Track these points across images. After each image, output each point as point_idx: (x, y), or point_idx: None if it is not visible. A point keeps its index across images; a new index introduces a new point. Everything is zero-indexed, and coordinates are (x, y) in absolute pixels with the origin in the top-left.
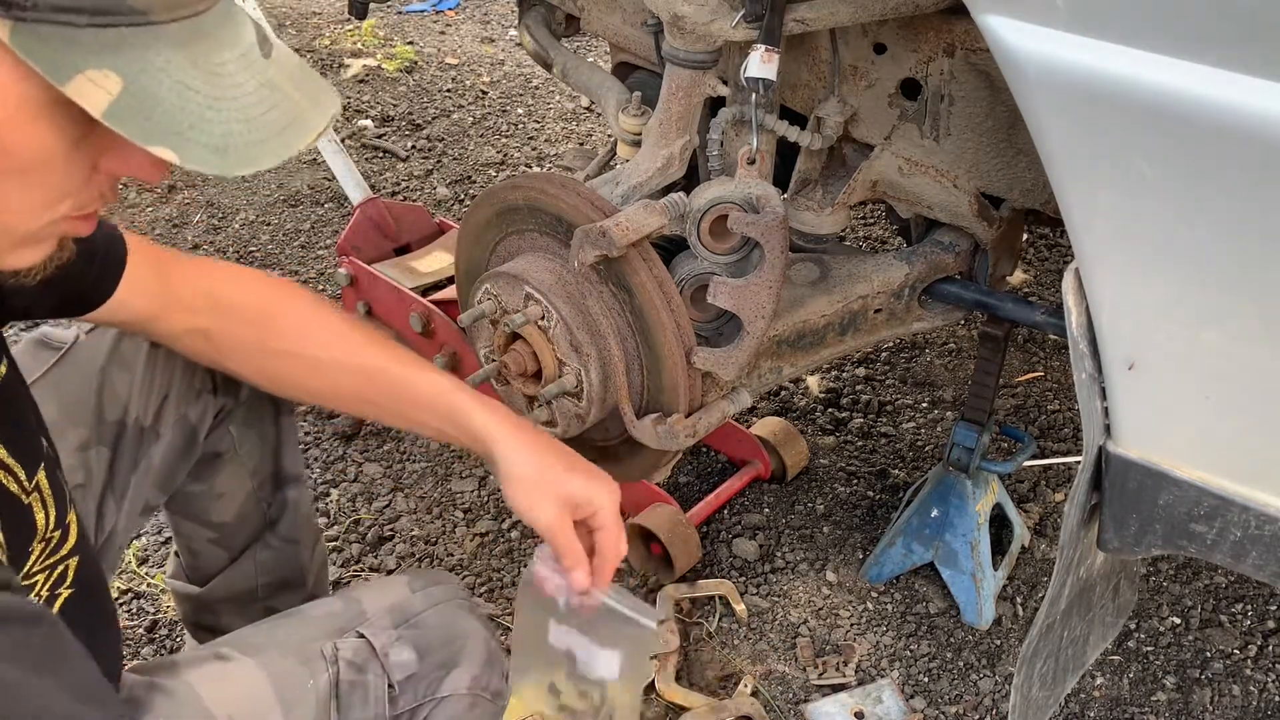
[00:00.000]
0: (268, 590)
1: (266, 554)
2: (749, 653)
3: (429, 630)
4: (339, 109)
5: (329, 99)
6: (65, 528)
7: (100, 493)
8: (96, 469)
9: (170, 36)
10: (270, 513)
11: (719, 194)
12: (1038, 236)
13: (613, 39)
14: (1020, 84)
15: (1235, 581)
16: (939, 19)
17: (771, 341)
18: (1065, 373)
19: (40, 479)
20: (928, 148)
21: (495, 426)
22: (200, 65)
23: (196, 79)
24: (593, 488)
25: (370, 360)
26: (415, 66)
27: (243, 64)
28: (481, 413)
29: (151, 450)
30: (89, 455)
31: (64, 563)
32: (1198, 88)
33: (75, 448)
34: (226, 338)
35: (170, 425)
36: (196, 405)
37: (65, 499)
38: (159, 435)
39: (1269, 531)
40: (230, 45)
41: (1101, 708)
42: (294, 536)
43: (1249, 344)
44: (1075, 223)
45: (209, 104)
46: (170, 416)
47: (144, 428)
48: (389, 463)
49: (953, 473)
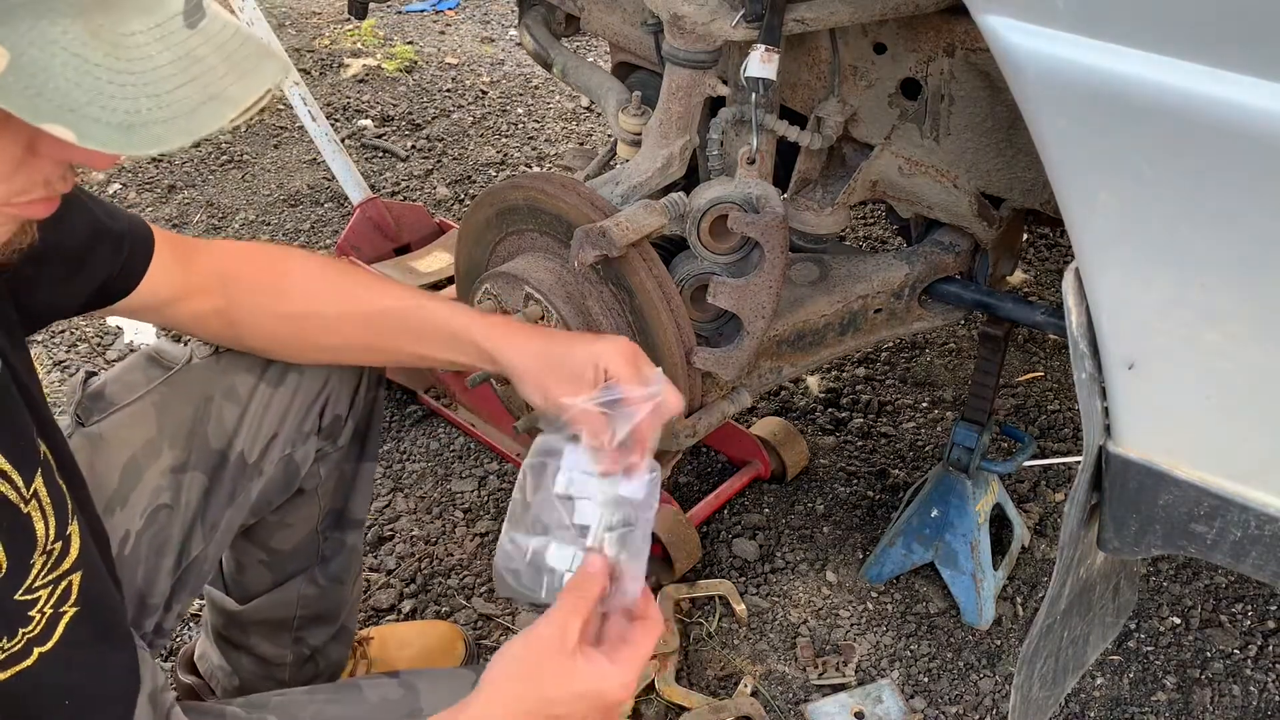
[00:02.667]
0: (303, 622)
1: (312, 590)
2: (749, 653)
3: None
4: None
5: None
6: (66, 539)
7: (191, 519)
8: (190, 494)
9: (67, 6)
10: (325, 549)
11: (719, 194)
12: (1038, 236)
13: (613, 39)
14: (1020, 84)
15: (1235, 581)
16: (939, 19)
17: (771, 341)
18: (1065, 373)
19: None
20: (928, 148)
21: (498, 336)
22: (103, 36)
23: (97, 51)
24: (598, 350)
25: (372, 305)
26: (415, 66)
27: (156, 34)
28: (482, 327)
29: (252, 485)
30: (183, 478)
31: (66, 578)
32: (1198, 88)
33: (169, 468)
34: (240, 311)
35: (274, 463)
36: (303, 448)
37: (66, 507)
38: (262, 472)
39: (1269, 531)
40: (144, 13)
41: (1101, 708)
42: (342, 578)
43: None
44: (1075, 223)
45: (111, 78)
46: (275, 455)
47: (248, 463)
48: (389, 463)
49: (953, 473)
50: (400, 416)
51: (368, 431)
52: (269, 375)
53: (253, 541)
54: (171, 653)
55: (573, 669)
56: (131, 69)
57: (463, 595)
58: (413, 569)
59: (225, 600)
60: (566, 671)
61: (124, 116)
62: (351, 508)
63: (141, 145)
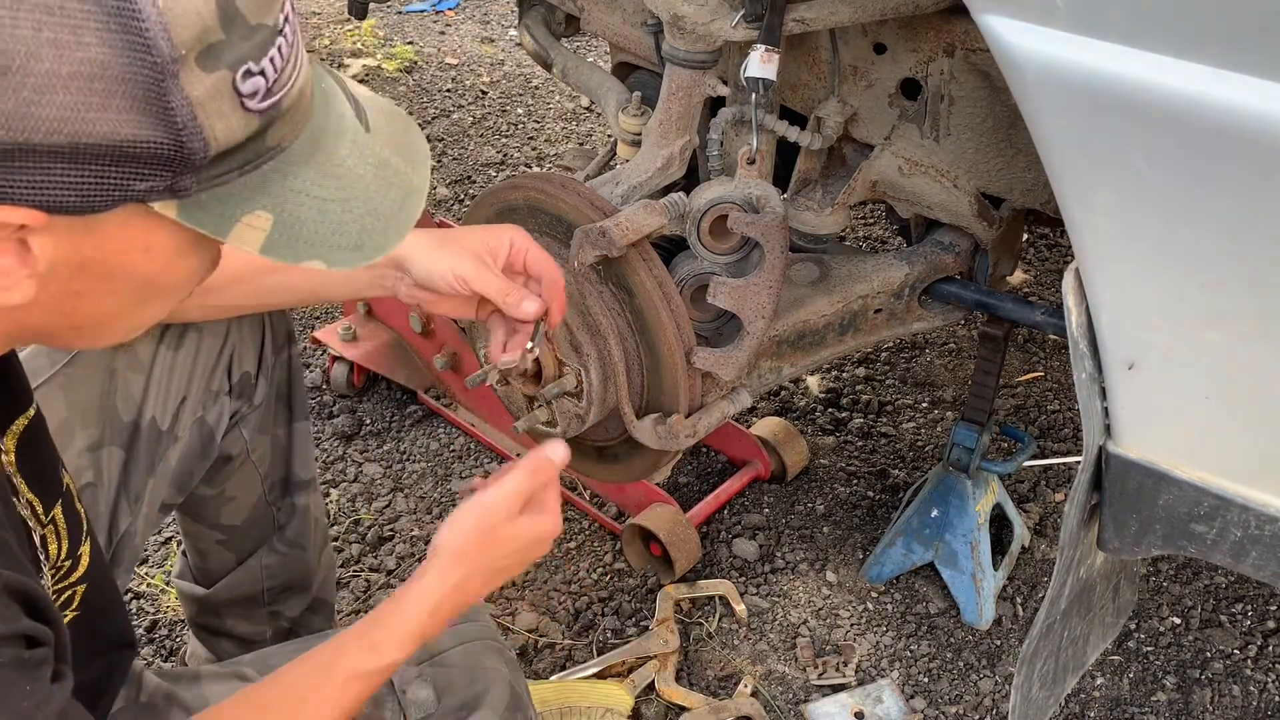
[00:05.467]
0: (273, 594)
1: (273, 559)
2: (749, 653)
3: (452, 670)
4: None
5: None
6: (77, 558)
7: (114, 493)
8: (109, 469)
9: (298, 155)
10: (279, 517)
11: (719, 194)
12: (1038, 236)
13: (613, 39)
14: (1020, 84)
15: (1235, 581)
16: (939, 19)
17: (771, 341)
18: (1065, 373)
19: (56, 512)
20: (928, 148)
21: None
22: (328, 172)
23: (328, 187)
24: (498, 229)
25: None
26: (415, 66)
27: (354, 151)
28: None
29: (169, 452)
30: (100, 455)
31: (72, 589)
32: (1198, 88)
33: (85, 448)
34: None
35: (188, 427)
36: (214, 408)
37: (81, 531)
38: (177, 437)
39: (1269, 531)
40: (339, 135)
41: (1101, 708)
42: (301, 542)
43: (1249, 344)
44: (1075, 223)
45: (341, 208)
46: (188, 419)
47: (161, 430)
48: (389, 463)
49: (953, 473)
50: (400, 416)
51: (290, 391)
52: (167, 338)
53: (203, 523)
54: (171, 653)
55: (515, 532)
56: (351, 193)
57: None
58: (413, 569)
59: (193, 588)
60: (511, 536)
61: (356, 238)
62: (295, 470)
63: (368, 256)
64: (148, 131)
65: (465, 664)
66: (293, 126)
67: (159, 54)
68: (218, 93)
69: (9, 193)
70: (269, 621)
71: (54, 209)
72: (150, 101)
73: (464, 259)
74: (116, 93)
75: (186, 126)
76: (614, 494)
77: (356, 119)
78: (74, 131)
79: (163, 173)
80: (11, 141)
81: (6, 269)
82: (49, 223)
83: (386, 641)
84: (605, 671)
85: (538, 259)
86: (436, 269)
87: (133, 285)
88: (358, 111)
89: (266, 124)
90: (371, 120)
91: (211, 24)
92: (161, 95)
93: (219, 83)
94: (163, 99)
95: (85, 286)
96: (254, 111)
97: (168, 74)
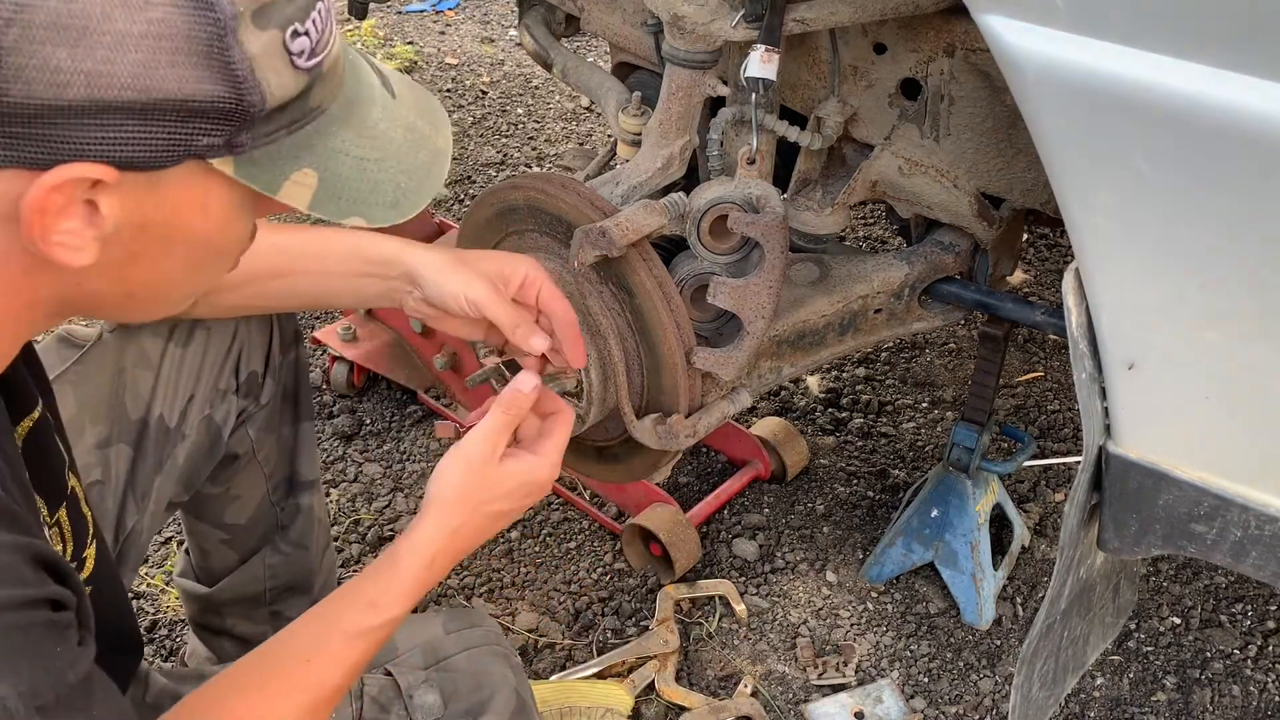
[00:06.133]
0: (275, 594)
1: (276, 558)
2: (749, 653)
3: (458, 675)
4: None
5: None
6: (82, 561)
7: (122, 490)
8: (117, 466)
9: (337, 116)
10: (283, 517)
11: (719, 194)
12: (1038, 236)
13: (613, 39)
14: (1020, 84)
15: (1235, 581)
16: (939, 19)
17: (771, 341)
18: (1065, 373)
19: (61, 515)
20: (928, 148)
21: (404, 245)
22: (363, 133)
23: (364, 147)
24: (513, 258)
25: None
26: (415, 66)
27: (384, 115)
28: (390, 240)
29: (176, 450)
30: (109, 453)
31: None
32: (1198, 88)
33: (94, 445)
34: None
35: (195, 425)
36: (222, 406)
37: (86, 534)
38: (184, 435)
39: (1269, 531)
40: (370, 101)
41: (1101, 708)
42: (304, 542)
43: (1249, 344)
44: (1075, 223)
45: (378, 167)
46: (195, 417)
47: (169, 428)
48: (389, 463)
49: (953, 473)
50: (400, 416)
51: (297, 391)
52: (176, 336)
53: (207, 521)
54: (171, 653)
55: (504, 472)
56: (385, 153)
57: (463, 595)
58: None
59: (195, 587)
60: (500, 477)
61: (393, 195)
62: (300, 470)
63: (405, 214)
64: (211, 86)
65: (471, 669)
66: (331, 90)
67: (220, 11)
68: (271, 50)
69: (85, 149)
70: (270, 621)
71: (124, 165)
72: (213, 57)
73: (477, 283)
74: (183, 50)
75: (246, 80)
76: (614, 494)
77: (383, 86)
78: (146, 87)
79: (224, 127)
80: (90, 99)
81: (75, 230)
82: (120, 179)
83: (385, 597)
84: (605, 671)
85: (550, 296)
86: (449, 289)
87: (189, 247)
88: (383, 80)
89: (311, 83)
90: (395, 88)
91: None
92: (223, 51)
93: (272, 40)
94: (224, 54)
95: (144, 248)
96: (302, 70)
97: (228, 30)
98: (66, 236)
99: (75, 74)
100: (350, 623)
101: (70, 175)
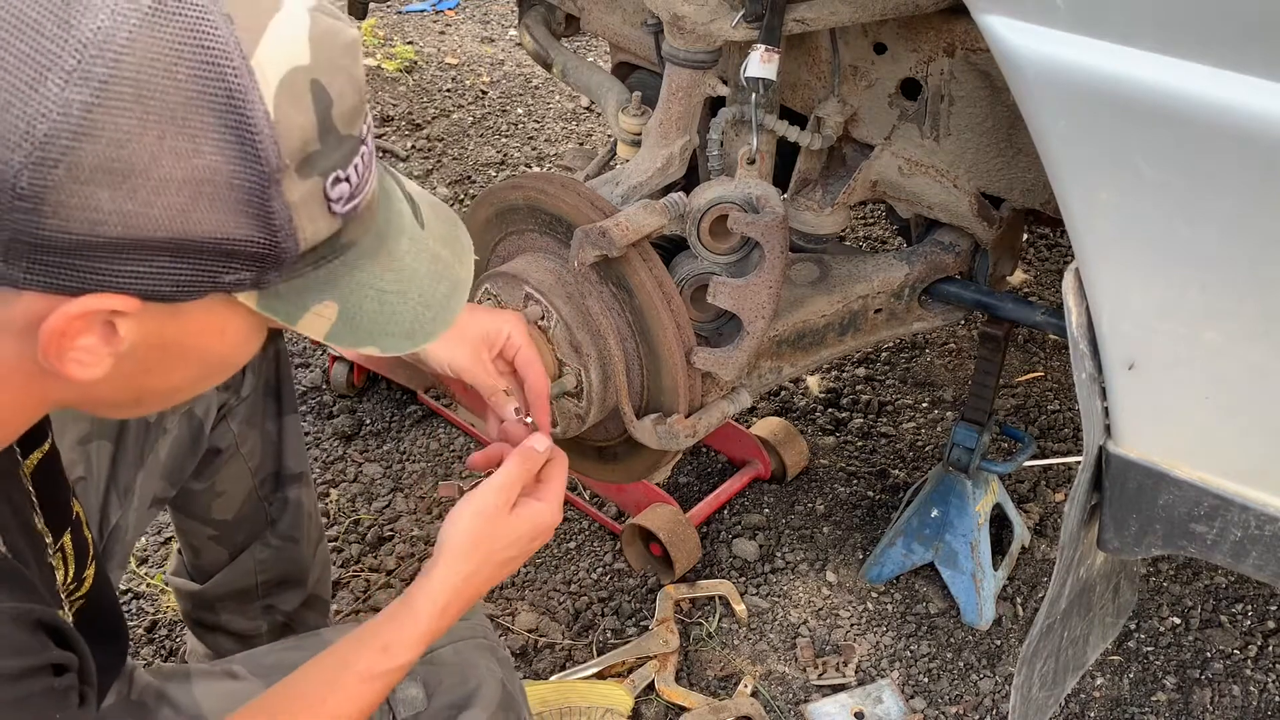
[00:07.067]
0: (267, 588)
1: (266, 552)
2: (749, 653)
3: (443, 668)
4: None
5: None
6: (81, 580)
7: (104, 487)
8: (98, 463)
9: (365, 250)
10: (271, 511)
11: (719, 194)
12: (1038, 236)
13: (613, 39)
14: (1020, 84)
15: (1235, 581)
16: (939, 19)
17: (771, 341)
18: (1065, 373)
19: (65, 541)
20: (928, 148)
21: None
22: (389, 266)
23: (388, 280)
24: (498, 318)
25: None
26: (415, 66)
27: (412, 247)
28: None
29: (158, 445)
30: (89, 449)
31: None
32: (1198, 88)
33: (75, 441)
34: None
35: (176, 420)
36: (201, 401)
37: (86, 555)
38: (165, 430)
39: (1269, 531)
40: (399, 232)
41: (1101, 708)
42: (294, 535)
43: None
44: (1075, 223)
45: (398, 300)
46: (175, 411)
47: (149, 423)
48: (389, 463)
49: (953, 473)
50: (400, 416)
51: (279, 385)
52: None
53: (194, 518)
54: (171, 653)
55: (515, 520)
56: (407, 286)
57: None
58: (413, 569)
59: (187, 584)
60: (511, 526)
61: (408, 326)
62: (286, 463)
63: (418, 344)
64: (247, 231)
65: (456, 662)
66: (364, 226)
67: (267, 164)
68: (311, 198)
69: (110, 281)
70: (264, 616)
71: (149, 297)
72: (254, 205)
73: (461, 349)
74: (225, 197)
75: (283, 229)
76: (614, 494)
77: (413, 216)
78: (182, 229)
79: (254, 268)
80: (125, 237)
81: (91, 348)
82: (141, 309)
83: (399, 642)
84: (605, 671)
85: (526, 360)
86: (434, 353)
87: (202, 364)
88: (414, 209)
89: (345, 224)
90: (425, 216)
91: (311, 136)
92: (265, 200)
93: (313, 188)
94: (266, 204)
95: (157, 364)
96: (338, 215)
97: (272, 181)
98: (82, 354)
99: (114, 214)
100: (364, 666)
101: (95, 306)
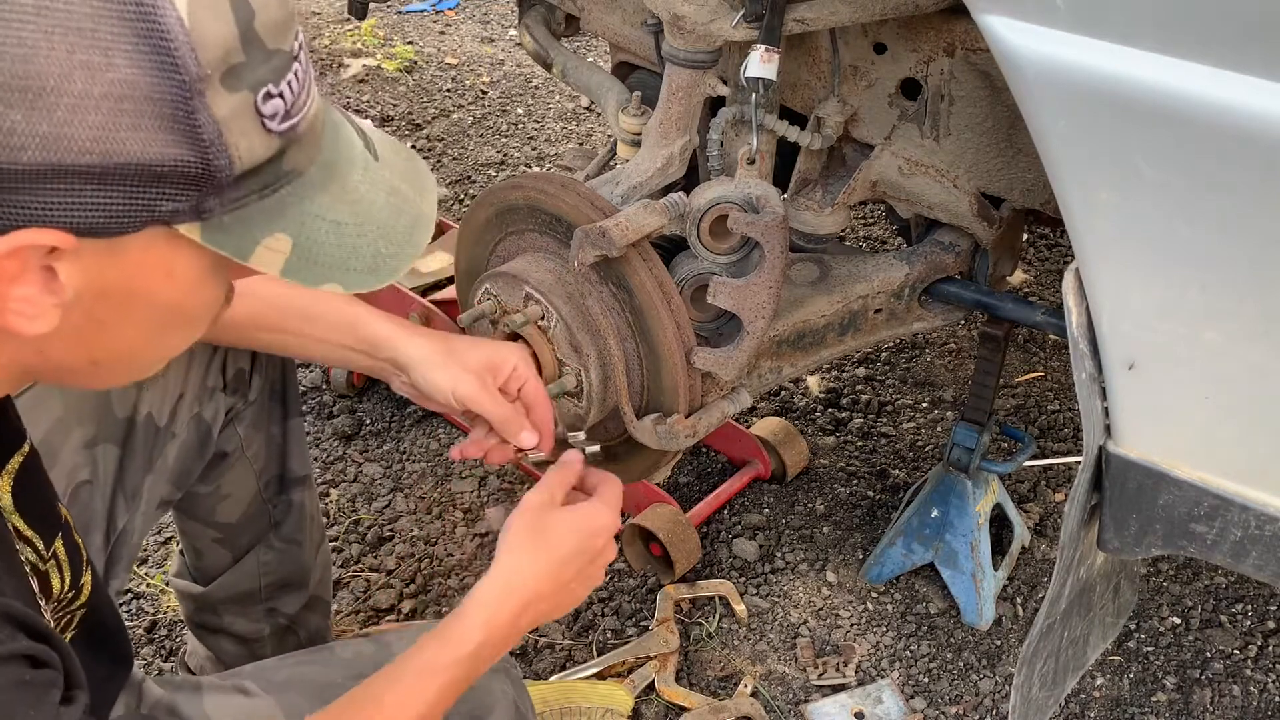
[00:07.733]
0: (270, 591)
1: (269, 555)
2: (749, 653)
3: None
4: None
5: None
6: (79, 588)
7: (110, 490)
8: (105, 466)
9: (314, 180)
10: (275, 514)
11: (719, 194)
12: (1038, 236)
13: (613, 39)
14: (1020, 84)
15: (1235, 581)
16: (939, 19)
17: (771, 341)
18: (1065, 373)
19: (57, 546)
20: (928, 148)
21: (396, 330)
22: (342, 198)
23: (342, 212)
24: (501, 348)
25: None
26: (415, 66)
27: (365, 178)
28: (384, 322)
29: (167, 449)
30: (96, 452)
31: (73, 613)
32: (1198, 88)
33: (81, 445)
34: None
35: (185, 424)
36: (210, 404)
37: (81, 561)
38: (174, 434)
39: (1269, 531)
40: (350, 163)
41: (1101, 708)
42: (297, 538)
43: (1249, 344)
44: (1075, 223)
45: (355, 232)
46: (185, 415)
47: (159, 427)
48: (389, 463)
49: (953, 473)
50: (400, 416)
51: (285, 388)
52: None
53: (199, 520)
54: (171, 653)
55: (568, 516)
56: (364, 218)
57: (463, 595)
58: (413, 569)
59: (190, 586)
60: (563, 521)
61: (370, 261)
62: (291, 466)
63: (383, 280)
64: (175, 150)
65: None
66: (308, 153)
67: (187, 73)
68: (241, 112)
69: (40, 214)
70: (266, 619)
71: (83, 231)
72: (178, 120)
73: (465, 379)
74: (146, 112)
75: (213, 144)
76: None
77: (365, 149)
78: (106, 151)
79: (189, 193)
80: (47, 163)
81: (31, 298)
82: (78, 246)
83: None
84: (605, 671)
85: (533, 392)
86: (437, 383)
87: (154, 313)
88: (366, 142)
89: (284, 146)
90: (379, 150)
91: (234, 46)
92: (189, 114)
93: (242, 102)
94: (190, 117)
95: (107, 314)
96: (274, 133)
97: (195, 93)
98: (22, 304)
99: (31, 136)
100: (422, 660)
101: (24, 242)
